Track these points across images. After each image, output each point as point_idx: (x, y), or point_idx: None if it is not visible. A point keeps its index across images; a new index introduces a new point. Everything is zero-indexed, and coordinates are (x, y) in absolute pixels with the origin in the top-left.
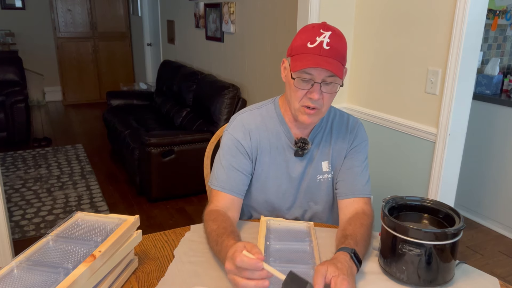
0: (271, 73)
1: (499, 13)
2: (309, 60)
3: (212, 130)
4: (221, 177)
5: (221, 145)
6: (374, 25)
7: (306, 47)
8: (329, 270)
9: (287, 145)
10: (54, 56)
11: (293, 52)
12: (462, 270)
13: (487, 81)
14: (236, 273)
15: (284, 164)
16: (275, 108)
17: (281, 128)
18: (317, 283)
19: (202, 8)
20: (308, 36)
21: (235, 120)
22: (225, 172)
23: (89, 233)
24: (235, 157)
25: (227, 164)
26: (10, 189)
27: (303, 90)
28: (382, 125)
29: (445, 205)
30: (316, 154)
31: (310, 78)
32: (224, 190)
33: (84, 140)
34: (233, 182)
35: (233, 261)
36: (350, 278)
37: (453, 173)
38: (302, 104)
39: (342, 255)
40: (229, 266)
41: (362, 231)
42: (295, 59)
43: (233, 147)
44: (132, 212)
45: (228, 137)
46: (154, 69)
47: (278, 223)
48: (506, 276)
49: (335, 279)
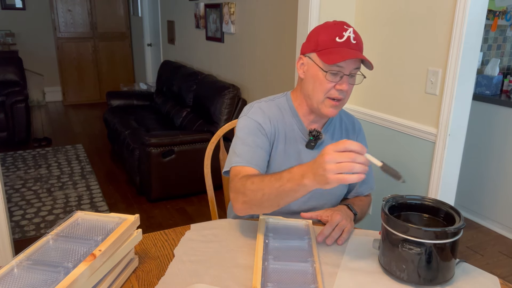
0: (271, 73)
1: (499, 14)
2: (345, 53)
3: (212, 131)
4: (246, 154)
5: (241, 128)
6: (374, 25)
7: (335, 41)
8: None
9: (299, 137)
10: (54, 56)
11: (319, 47)
12: (462, 269)
13: (487, 81)
14: (339, 159)
15: (295, 156)
16: (287, 101)
17: (294, 120)
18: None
19: (202, 9)
20: (334, 31)
21: (253, 108)
22: (250, 150)
23: (89, 232)
24: (258, 137)
25: (250, 143)
26: (11, 189)
27: (332, 83)
28: (382, 125)
29: (445, 204)
30: None
31: (340, 70)
32: (250, 165)
33: (84, 140)
34: (258, 158)
35: (337, 148)
36: (348, 221)
37: (453, 173)
38: (328, 96)
39: (339, 205)
40: (330, 156)
41: (359, 203)
42: (325, 53)
43: (255, 129)
44: (132, 212)
45: (248, 120)
46: (154, 69)
47: (277, 222)
48: (506, 276)
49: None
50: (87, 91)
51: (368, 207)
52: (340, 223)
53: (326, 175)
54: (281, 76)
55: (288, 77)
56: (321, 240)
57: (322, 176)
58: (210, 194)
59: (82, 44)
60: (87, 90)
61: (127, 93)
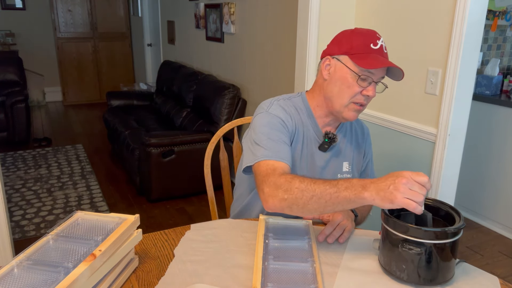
0: (271, 74)
1: (499, 14)
2: (382, 61)
3: (212, 131)
4: (274, 149)
5: (264, 123)
6: (374, 25)
7: (370, 47)
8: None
9: (314, 138)
10: (54, 56)
11: (353, 50)
12: (462, 269)
13: (487, 81)
14: (415, 188)
15: (309, 157)
16: (303, 101)
17: (309, 121)
18: (323, 232)
19: (202, 9)
20: (368, 38)
21: (273, 104)
22: (277, 145)
23: (89, 232)
24: (283, 133)
25: (276, 138)
26: (11, 189)
27: (361, 88)
28: (382, 125)
29: (445, 204)
30: (338, 151)
31: (370, 76)
32: (282, 160)
33: (84, 140)
34: (287, 154)
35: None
36: (349, 221)
37: (453, 173)
38: (353, 101)
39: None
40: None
41: (360, 207)
42: (360, 57)
43: (278, 124)
44: (132, 212)
45: (269, 116)
46: (154, 69)
47: (277, 222)
48: (506, 276)
49: (333, 215)
50: (87, 91)
51: (368, 212)
52: (341, 223)
53: (396, 195)
54: (281, 76)
55: (288, 77)
56: (322, 239)
57: (391, 194)
58: (210, 194)
59: (82, 44)
60: (87, 90)
61: (127, 93)
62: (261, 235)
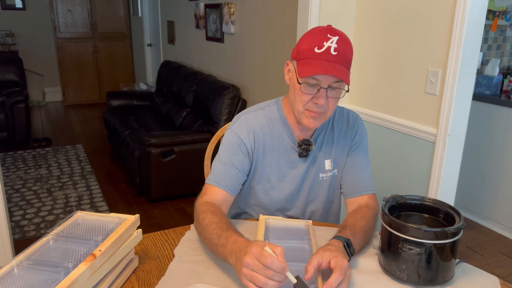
0: (271, 74)
1: (499, 14)
2: (317, 67)
3: (212, 131)
4: (219, 173)
5: (223, 142)
6: (374, 25)
7: (314, 52)
8: (325, 255)
9: (290, 146)
10: (54, 56)
11: (299, 56)
12: (462, 269)
13: (487, 81)
14: (257, 269)
15: (287, 165)
16: (278, 109)
17: (284, 130)
18: (308, 270)
19: (202, 9)
20: (315, 40)
21: (239, 120)
22: (224, 168)
23: (89, 232)
24: (236, 155)
25: (226, 161)
26: (11, 189)
27: (309, 95)
28: (382, 125)
29: (445, 204)
30: (319, 153)
31: (316, 83)
32: (219, 186)
33: (84, 140)
34: (229, 179)
35: (259, 258)
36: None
37: (453, 173)
38: (306, 108)
39: (335, 242)
40: (250, 261)
41: (362, 224)
42: (302, 63)
43: (235, 145)
44: (132, 212)
45: (231, 135)
46: (154, 69)
47: (277, 222)
48: (506, 276)
49: (335, 259)
50: (87, 91)
51: (374, 226)
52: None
53: (240, 276)
54: (281, 76)
55: None
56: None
57: (238, 271)
58: None
59: (82, 44)
60: (87, 90)
61: (127, 93)
62: (261, 235)
